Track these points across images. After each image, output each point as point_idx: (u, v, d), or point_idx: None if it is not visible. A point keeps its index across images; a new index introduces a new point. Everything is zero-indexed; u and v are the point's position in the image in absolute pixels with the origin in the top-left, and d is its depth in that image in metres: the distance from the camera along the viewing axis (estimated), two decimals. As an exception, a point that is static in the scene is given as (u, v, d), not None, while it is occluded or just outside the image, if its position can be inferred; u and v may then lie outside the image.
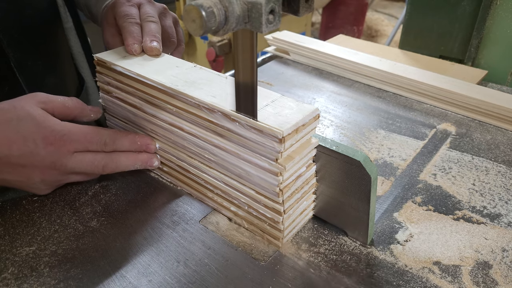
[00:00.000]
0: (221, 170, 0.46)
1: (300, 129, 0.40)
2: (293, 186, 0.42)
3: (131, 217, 0.48)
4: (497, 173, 0.56)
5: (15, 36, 0.55)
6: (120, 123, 0.56)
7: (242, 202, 0.45)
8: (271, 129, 0.38)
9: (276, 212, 0.42)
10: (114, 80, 0.52)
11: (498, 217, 0.49)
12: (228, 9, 0.29)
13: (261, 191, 0.43)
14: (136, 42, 0.52)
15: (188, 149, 0.48)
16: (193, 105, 0.44)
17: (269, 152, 0.39)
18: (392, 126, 0.67)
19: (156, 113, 0.49)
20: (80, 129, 0.45)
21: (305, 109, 0.40)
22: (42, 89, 0.59)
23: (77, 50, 0.71)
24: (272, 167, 0.40)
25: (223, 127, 0.42)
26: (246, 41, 0.35)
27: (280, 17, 0.31)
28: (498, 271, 0.42)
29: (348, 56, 0.82)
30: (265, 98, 0.42)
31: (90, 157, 0.46)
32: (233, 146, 0.43)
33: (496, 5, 0.82)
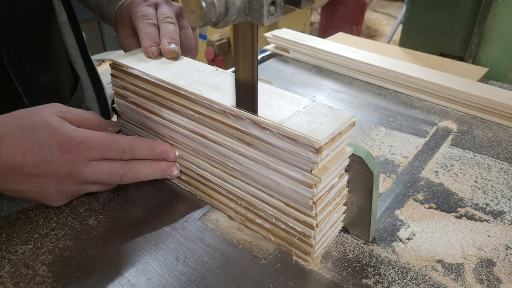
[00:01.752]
0: (246, 181, 0.43)
1: (337, 138, 0.37)
2: (326, 198, 0.39)
3: (129, 215, 0.47)
4: (500, 170, 0.56)
5: (9, 33, 0.54)
6: (136, 129, 0.53)
7: (269, 215, 0.42)
8: (307, 138, 0.35)
9: (308, 226, 0.39)
10: (131, 84, 0.49)
11: (501, 214, 0.48)
12: (229, 0, 0.28)
13: (291, 203, 0.40)
14: (153, 44, 0.50)
15: (211, 157, 0.45)
16: (218, 111, 0.41)
17: (303, 163, 0.36)
18: (393, 123, 0.67)
19: (175, 119, 0.46)
20: (97, 135, 0.43)
21: (341, 117, 0.38)
22: (36, 87, 0.58)
23: (71, 44, 0.70)
24: (306, 178, 0.37)
25: (251, 135, 0.39)
26: (247, 35, 0.35)
27: (282, 8, 0.30)
28: (502, 269, 0.41)
29: (348, 54, 0.82)
30: (296, 104, 0.40)
31: (108, 166, 0.44)
32: (262, 156, 0.40)
33: (497, 2, 0.81)
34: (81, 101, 0.72)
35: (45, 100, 0.60)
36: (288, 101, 0.40)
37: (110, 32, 2.24)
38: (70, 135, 0.42)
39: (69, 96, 0.67)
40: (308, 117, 0.38)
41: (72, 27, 0.69)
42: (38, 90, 0.59)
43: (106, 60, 1.92)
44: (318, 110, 0.39)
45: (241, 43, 0.35)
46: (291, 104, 0.39)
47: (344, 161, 0.40)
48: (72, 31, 0.69)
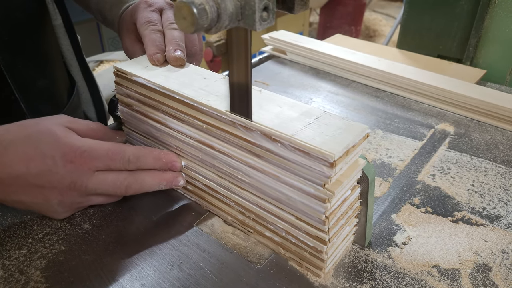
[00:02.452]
0: (256, 193, 0.42)
1: (351, 151, 0.36)
2: (338, 212, 0.38)
3: (124, 219, 0.47)
4: (496, 173, 0.56)
5: (5, 39, 0.53)
6: (140, 138, 0.52)
7: (279, 228, 0.41)
8: (321, 151, 0.33)
9: (320, 240, 0.38)
10: (135, 92, 0.48)
11: (497, 218, 0.48)
12: (221, 6, 0.28)
13: (303, 217, 0.39)
14: (159, 51, 0.49)
15: (218, 168, 0.44)
16: (227, 122, 0.40)
17: (316, 177, 0.35)
18: (390, 126, 0.66)
19: (182, 129, 0.45)
20: (102, 145, 0.42)
21: (354, 128, 0.36)
22: (33, 92, 0.58)
23: (66, 48, 0.69)
24: (319, 192, 0.36)
25: (261, 147, 0.38)
26: (240, 39, 0.34)
27: (274, 14, 0.30)
28: (498, 274, 0.41)
29: (345, 56, 0.82)
30: (307, 115, 0.38)
31: (113, 177, 0.43)
32: (272, 168, 0.38)
33: (495, 4, 0.81)
34: (78, 105, 0.72)
35: (42, 104, 0.60)
36: (299, 111, 0.39)
37: (109, 33, 2.23)
38: (74, 145, 0.41)
39: (66, 100, 0.67)
40: (321, 128, 0.36)
41: (67, 30, 0.68)
42: (35, 94, 0.58)
43: (104, 61, 1.92)
44: (331, 121, 0.37)
45: (235, 47, 0.35)
46: (303, 115, 0.38)
47: (357, 173, 0.38)
48: (67, 34, 0.68)
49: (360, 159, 0.38)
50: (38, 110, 0.59)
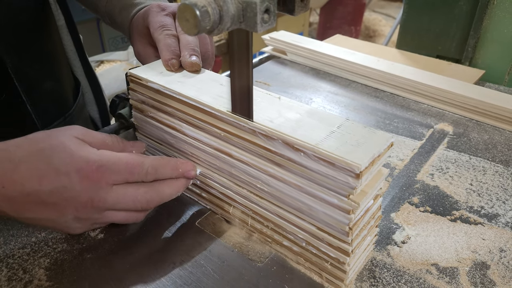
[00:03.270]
0: (275, 202, 0.41)
1: (376, 161, 0.35)
2: (361, 222, 0.37)
3: (127, 218, 0.47)
4: (495, 173, 0.56)
5: (12, 42, 0.53)
6: (154, 144, 0.51)
7: (299, 238, 0.40)
8: (346, 162, 0.32)
9: (343, 252, 0.37)
10: (150, 98, 0.47)
11: (495, 217, 0.49)
12: (223, 8, 0.28)
13: (324, 228, 0.38)
14: (174, 56, 0.48)
15: (236, 177, 0.43)
16: (246, 130, 0.39)
17: (340, 187, 0.34)
18: (390, 126, 0.67)
19: (199, 136, 0.44)
20: (119, 158, 0.40)
21: (378, 137, 0.35)
22: (40, 94, 0.58)
23: (69, 48, 0.69)
24: (343, 203, 0.35)
25: (283, 156, 0.37)
26: (242, 41, 0.35)
27: (275, 16, 0.30)
28: (496, 272, 0.42)
29: (345, 56, 0.82)
30: (328, 123, 0.37)
31: (132, 191, 0.40)
32: (294, 178, 0.37)
33: (493, 4, 0.81)
34: (83, 105, 0.72)
35: (49, 106, 0.60)
36: (320, 119, 0.38)
37: (109, 33, 2.24)
38: (90, 159, 0.38)
39: (72, 102, 0.67)
40: (344, 137, 0.35)
41: (69, 30, 0.68)
42: (41, 97, 0.58)
43: (105, 61, 1.93)
44: (354, 130, 0.36)
45: (236, 49, 0.36)
46: (323, 123, 0.37)
47: (380, 183, 0.37)
48: (70, 34, 0.69)
49: (384, 168, 0.38)
50: (45, 112, 0.59)
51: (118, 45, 2.30)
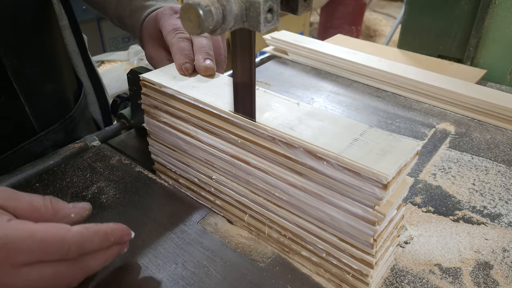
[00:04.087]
0: (294, 211, 0.39)
1: (402, 170, 0.33)
2: (385, 233, 0.36)
3: (128, 219, 0.47)
4: (497, 172, 0.56)
5: (12, 44, 0.52)
6: (166, 149, 0.49)
7: (318, 248, 0.39)
8: (373, 172, 0.31)
9: (366, 264, 0.36)
10: (164, 104, 0.45)
11: (498, 217, 0.49)
12: (226, 8, 0.28)
13: (347, 238, 0.36)
14: (188, 60, 0.47)
15: (253, 185, 0.41)
16: (265, 137, 0.37)
17: (365, 198, 0.33)
18: (392, 126, 0.67)
19: (214, 142, 0.42)
20: (33, 233, 0.32)
21: (404, 145, 0.34)
22: (39, 97, 0.58)
23: (72, 48, 0.69)
24: (368, 214, 0.33)
25: (304, 165, 0.35)
26: (244, 40, 0.35)
27: (279, 16, 0.30)
28: (499, 271, 0.42)
29: (346, 56, 0.82)
30: (351, 130, 0.36)
31: (50, 272, 0.32)
32: (315, 187, 0.36)
33: (495, 4, 0.81)
34: (86, 107, 0.72)
35: (48, 109, 0.60)
36: (342, 126, 0.37)
37: (110, 33, 2.24)
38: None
39: (73, 104, 0.66)
40: (368, 145, 0.34)
41: (72, 30, 0.68)
42: (41, 100, 0.58)
43: (106, 61, 1.93)
44: (378, 137, 0.35)
45: (239, 49, 0.36)
46: (346, 130, 0.36)
47: (405, 192, 0.36)
48: (73, 34, 0.68)
49: (408, 177, 0.37)
50: (44, 115, 0.58)
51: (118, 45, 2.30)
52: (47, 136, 0.59)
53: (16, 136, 0.56)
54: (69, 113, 0.64)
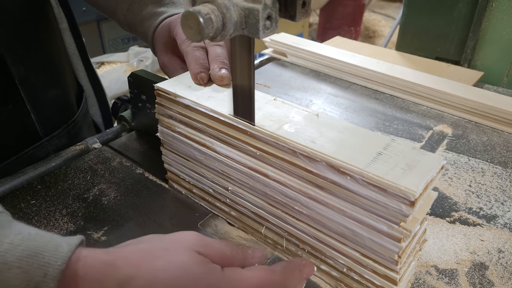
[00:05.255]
0: (314, 225, 0.38)
1: (428, 186, 0.32)
2: (409, 249, 0.35)
3: (130, 220, 0.48)
4: (493, 174, 0.57)
5: (19, 53, 0.53)
6: (180, 159, 0.49)
7: (339, 263, 0.38)
8: (400, 188, 0.30)
9: (390, 280, 0.35)
10: (179, 114, 0.45)
11: (494, 218, 0.49)
12: (226, 15, 0.29)
13: (370, 254, 0.35)
14: (203, 70, 0.46)
15: (271, 197, 0.40)
16: (286, 150, 0.36)
17: (391, 214, 0.32)
18: (389, 128, 0.68)
19: (231, 154, 0.42)
20: (250, 282, 0.32)
21: (429, 160, 0.33)
22: (44, 103, 0.58)
23: (72, 51, 0.69)
24: (393, 231, 0.32)
25: (326, 179, 0.35)
26: (244, 47, 0.35)
27: (277, 22, 0.31)
28: (494, 272, 0.42)
29: (345, 58, 0.83)
30: (374, 144, 0.35)
31: None
32: (337, 202, 0.35)
33: (492, 7, 0.82)
34: (87, 111, 0.72)
35: (52, 115, 0.60)
36: (364, 139, 0.36)
37: (109, 34, 2.24)
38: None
39: (76, 108, 0.67)
40: (393, 159, 0.33)
41: (72, 33, 0.68)
42: (45, 106, 0.58)
43: (105, 62, 1.93)
44: (402, 151, 0.34)
45: (238, 55, 0.36)
46: (369, 143, 0.35)
47: (428, 207, 0.36)
48: (73, 36, 0.68)
49: (432, 191, 0.36)
50: (48, 120, 0.59)
51: (118, 47, 2.30)
52: (50, 142, 0.59)
53: (20, 142, 0.56)
54: (72, 117, 0.65)
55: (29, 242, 0.27)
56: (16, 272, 0.26)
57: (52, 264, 0.27)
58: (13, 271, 0.26)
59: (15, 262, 0.26)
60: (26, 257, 0.26)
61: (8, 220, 0.28)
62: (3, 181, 0.52)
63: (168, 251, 0.31)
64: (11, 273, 0.26)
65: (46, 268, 0.26)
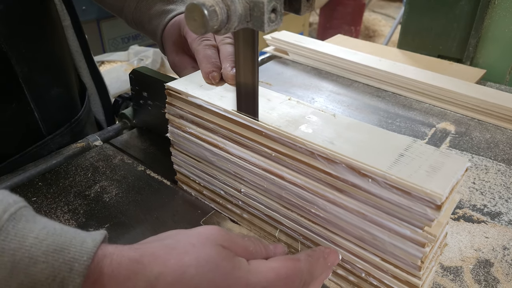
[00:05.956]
0: (331, 229, 0.37)
1: (454, 189, 0.31)
2: (431, 254, 0.34)
3: (132, 217, 0.47)
4: (497, 171, 0.56)
5: (22, 51, 0.52)
6: (191, 160, 0.47)
7: (357, 268, 0.37)
8: (425, 191, 0.29)
9: (412, 286, 0.34)
10: (190, 114, 0.44)
11: (498, 215, 0.49)
12: (230, 8, 0.29)
13: (390, 259, 0.34)
14: (214, 68, 0.45)
15: (287, 200, 0.39)
16: (303, 152, 0.35)
17: (415, 218, 0.31)
18: (392, 125, 0.67)
19: (245, 155, 0.40)
20: (278, 274, 0.32)
21: (453, 161, 0.32)
22: (47, 101, 0.58)
23: (75, 49, 0.69)
24: (417, 236, 0.31)
25: (346, 181, 0.33)
26: (247, 40, 0.35)
27: (282, 15, 0.31)
28: (499, 269, 0.42)
29: (347, 56, 0.82)
30: (395, 145, 0.34)
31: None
32: (357, 205, 0.34)
33: (494, 4, 0.82)
34: (90, 109, 0.72)
35: (55, 113, 0.60)
36: (384, 139, 0.35)
37: (110, 33, 2.24)
38: (249, 282, 0.31)
39: (79, 107, 0.66)
40: (416, 162, 0.32)
41: (75, 30, 0.67)
42: (49, 104, 0.58)
43: (105, 61, 1.93)
44: (425, 152, 0.33)
45: (242, 49, 0.36)
46: (389, 145, 0.34)
47: (452, 210, 0.35)
48: (76, 34, 0.68)
49: (456, 194, 0.35)
50: (52, 119, 0.59)
51: (118, 46, 2.30)
52: (53, 140, 0.59)
53: (24, 141, 0.56)
54: (75, 116, 0.64)
55: (54, 236, 0.27)
56: (42, 267, 0.25)
57: (78, 259, 0.26)
58: (39, 266, 0.25)
59: (41, 257, 0.26)
60: (52, 252, 0.26)
61: (32, 214, 0.28)
62: (4, 178, 0.51)
63: (195, 247, 0.31)
64: (37, 268, 0.25)
65: (72, 263, 0.26)
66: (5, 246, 0.25)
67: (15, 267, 0.25)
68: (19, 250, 0.25)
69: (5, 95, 0.52)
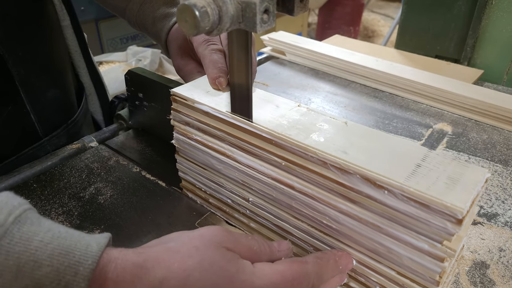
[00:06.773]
0: (344, 241, 0.36)
1: (474, 202, 0.30)
2: (449, 268, 0.33)
3: (126, 219, 0.47)
4: (494, 172, 0.56)
5: (19, 54, 0.52)
6: (197, 168, 0.46)
7: (371, 281, 0.36)
8: (445, 205, 0.28)
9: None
10: (196, 120, 0.42)
11: (495, 216, 0.49)
12: (222, 8, 0.28)
13: (407, 273, 0.33)
14: (221, 74, 0.44)
15: (297, 210, 0.38)
16: (315, 161, 0.34)
17: (434, 232, 0.29)
18: (389, 126, 0.67)
19: (254, 164, 0.39)
20: (284, 276, 0.32)
21: (473, 173, 0.31)
22: (44, 103, 0.57)
23: (74, 49, 0.68)
24: (436, 250, 0.30)
25: (360, 192, 0.32)
26: (241, 41, 0.35)
27: (275, 16, 0.30)
28: (495, 271, 0.42)
29: (344, 57, 0.82)
30: (412, 156, 0.33)
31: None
32: (372, 217, 0.32)
33: (492, 4, 0.82)
34: (87, 110, 0.71)
35: (52, 115, 0.59)
36: (398, 149, 0.34)
37: (108, 34, 2.24)
38: (254, 285, 0.30)
39: (76, 108, 0.66)
40: (434, 173, 0.31)
41: (74, 30, 0.67)
42: (45, 106, 0.58)
43: (104, 62, 1.93)
44: (443, 163, 0.32)
45: (236, 50, 0.36)
46: (405, 154, 0.33)
47: (470, 222, 0.34)
48: (75, 34, 0.67)
49: (475, 206, 0.33)
50: (48, 120, 0.58)
51: (116, 46, 2.30)
52: (50, 141, 0.59)
53: (20, 142, 0.56)
54: (72, 117, 0.64)
55: (59, 240, 0.26)
56: (47, 270, 0.25)
57: (83, 263, 0.26)
58: (44, 270, 0.25)
59: (46, 261, 0.25)
60: (57, 255, 0.26)
61: (36, 216, 0.28)
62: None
63: (199, 250, 0.30)
64: (42, 272, 0.25)
65: (76, 267, 0.26)
66: (10, 250, 0.25)
67: (20, 271, 0.25)
68: (24, 253, 0.25)
69: (1, 97, 0.52)
